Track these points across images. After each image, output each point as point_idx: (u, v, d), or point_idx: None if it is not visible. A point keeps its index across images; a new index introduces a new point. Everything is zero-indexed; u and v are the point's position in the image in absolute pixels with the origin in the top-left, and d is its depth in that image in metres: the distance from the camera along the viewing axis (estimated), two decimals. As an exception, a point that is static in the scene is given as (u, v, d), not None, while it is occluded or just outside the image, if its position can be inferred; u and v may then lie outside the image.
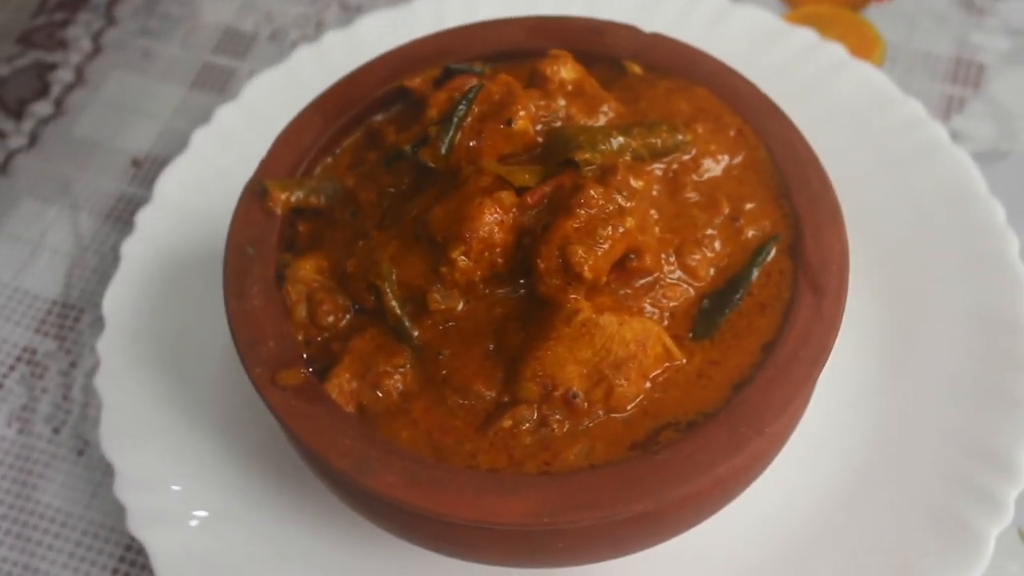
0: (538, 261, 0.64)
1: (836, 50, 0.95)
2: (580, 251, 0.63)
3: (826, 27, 1.05)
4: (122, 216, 0.97)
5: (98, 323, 0.90)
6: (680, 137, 0.71)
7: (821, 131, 0.89)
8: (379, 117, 0.79)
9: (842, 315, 0.67)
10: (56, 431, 0.85)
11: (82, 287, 0.93)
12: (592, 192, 0.64)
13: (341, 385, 0.66)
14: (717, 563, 0.75)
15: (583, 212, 0.64)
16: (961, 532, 0.72)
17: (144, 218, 0.89)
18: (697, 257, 0.68)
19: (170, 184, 0.91)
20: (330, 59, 0.97)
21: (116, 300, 0.85)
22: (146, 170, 0.99)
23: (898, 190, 0.88)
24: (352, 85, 0.78)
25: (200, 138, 0.93)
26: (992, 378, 0.78)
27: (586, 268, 0.63)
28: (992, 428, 0.76)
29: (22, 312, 0.92)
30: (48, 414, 0.86)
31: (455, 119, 0.68)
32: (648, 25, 0.83)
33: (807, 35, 0.96)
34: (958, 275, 0.83)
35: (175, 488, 0.78)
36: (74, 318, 0.91)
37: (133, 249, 0.88)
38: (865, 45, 1.04)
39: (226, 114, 0.95)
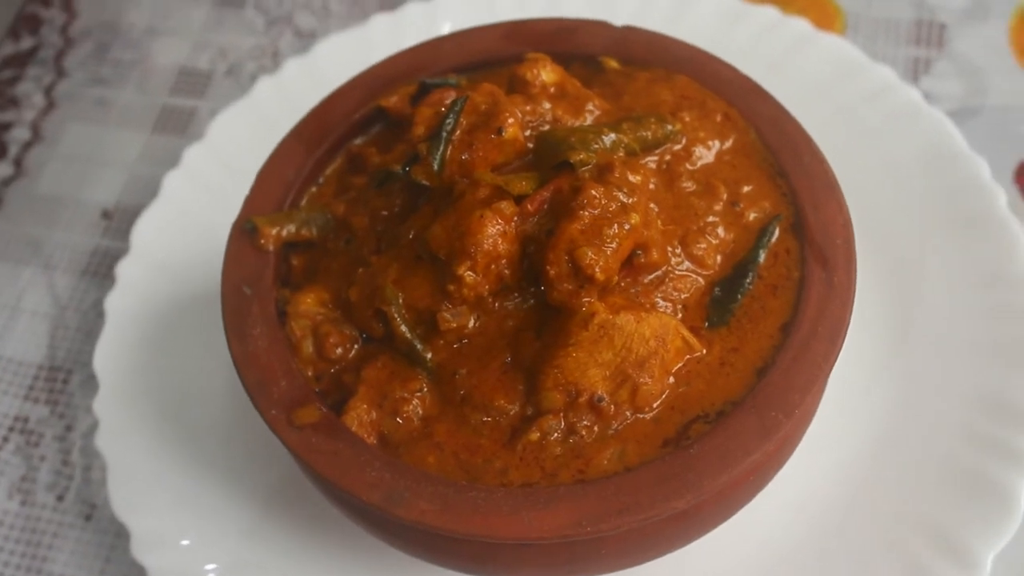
0: (547, 267, 0.62)
1: (800, 25, 0.95)
2: (590, 253, 0.61)
3: (786, 4, 1.05)
4: (99, 270, 0.94)
5: (89, 383, 0.88)
6: (670, 127, 0.70)
7: (795, 106, 0.88)
8: (358, 140, 0.77)
9: (855, 286, 0.66)
10: (60, 498, 0.83)
11: (67, 347, 0.90)
12: (593, 192, 0.63)
13: (360, 416, 0.64)
14: (755, 543, 0.74)
15: (586, 213, 0.62)
16: (990, 489, 0.72)
17: (124, 270, 0.87)
18: (703, 246, 0.67)
19: (146, 232, 0.89)
20: (292, 88, 0.95)
21: (106, 357, 0.83)
22: (117, 220, 0.97)
23: (880, 157, 0.87)
24: (328, 111, 0.77)
25: (171, 182, 0.91)
26: (1000, 334, 0.78)
27: (597, 269, 0.61)
28: (1008, 383, 0.76)
29: (8, 380, 0.89)
30: (50, 482, 0.84)
31: (444, 133, 0.67)
32: (611, 17, 0.82)
33: (769, 12, 0.96)
34: (951, 236, 0.83)
35: (192, 542, 0.76)
36: (63, 380, 0.89)
37: (117, 303, 0.85)
38: (825, 18, 1.04)
39: (194, 155, 0.92)
